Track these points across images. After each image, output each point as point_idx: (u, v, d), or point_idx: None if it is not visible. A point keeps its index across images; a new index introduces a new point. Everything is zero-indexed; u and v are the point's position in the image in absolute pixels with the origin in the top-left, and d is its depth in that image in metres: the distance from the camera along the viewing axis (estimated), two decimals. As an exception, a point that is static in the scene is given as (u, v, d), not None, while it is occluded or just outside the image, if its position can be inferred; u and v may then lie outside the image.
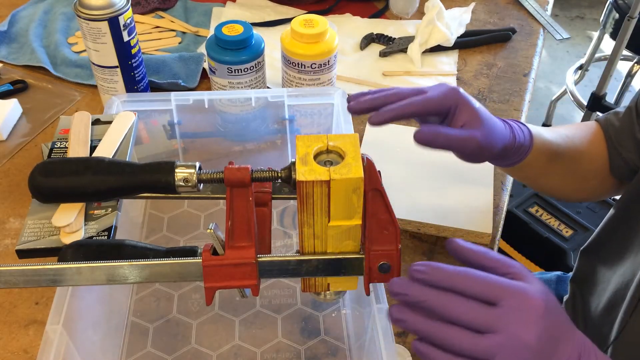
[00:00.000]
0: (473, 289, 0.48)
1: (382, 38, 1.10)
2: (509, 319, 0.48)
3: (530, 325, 0.48)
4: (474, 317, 0.48)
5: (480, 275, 0.49)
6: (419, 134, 0.61)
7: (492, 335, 0.47)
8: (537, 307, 0.48)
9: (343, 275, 0.54)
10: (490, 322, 0.47)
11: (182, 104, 0.77)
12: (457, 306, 0.48)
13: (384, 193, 0.50)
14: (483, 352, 0.47)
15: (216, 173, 0.52)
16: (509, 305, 0.48)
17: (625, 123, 0.76)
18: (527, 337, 0.47)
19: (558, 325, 0.50)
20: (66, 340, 0.53)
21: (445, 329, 0.48)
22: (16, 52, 1.06)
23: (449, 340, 0.48)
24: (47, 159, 0.61)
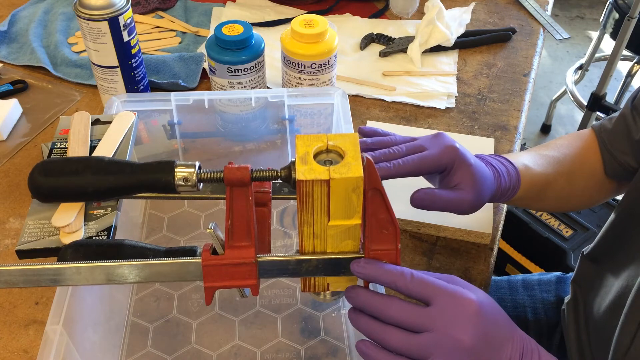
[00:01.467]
0: (407, 289, 0.51)
1: (382, 38, 1.10)
2: (442, 318, 0.50)
3: (464, 323, 0.49)
4: (407, 316, 0.50)
5: (416, 276, 0.51)
6: (416, 199, 0.64)
7: (426, 334, 0.50)
8: (470, 307, 0.50)
9: (343, 275, 0.54)
10: (423, 321, 0.50)
11: (182, 104, 0.77)
12: (391, 307, 0.51)
13: (384, 192, 0.50)
14: (417, 350, 0.50)
15: (216, 173, 0.52)
16: (441, 305, 0.50)
17: (619, 126, 0.76)
18: (460, 335, 0.49)
19: (495, 325, 0.51)
20: (66, 340, 0.53)
21: (382, 328, 0.51)
22: (16, 52, 1.06)
23: (386, 338, 0.51)
24: (47, 159, 0.61)
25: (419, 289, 0.51)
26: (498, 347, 0.51)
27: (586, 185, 0.78)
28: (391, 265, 0.52)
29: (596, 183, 0.79)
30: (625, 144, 0.75)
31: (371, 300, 0.52)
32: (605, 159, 0.77)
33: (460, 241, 0.78)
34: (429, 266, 0.76)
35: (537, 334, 0.89)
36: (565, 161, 0.77)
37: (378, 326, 0.51)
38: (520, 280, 0.95)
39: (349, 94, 0.98)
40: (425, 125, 0.94)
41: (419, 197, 0.64)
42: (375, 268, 0.51)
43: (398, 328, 0.50)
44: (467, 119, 0.96)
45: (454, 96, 1.00)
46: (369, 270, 0.51)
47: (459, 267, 0.76)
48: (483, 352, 0.50)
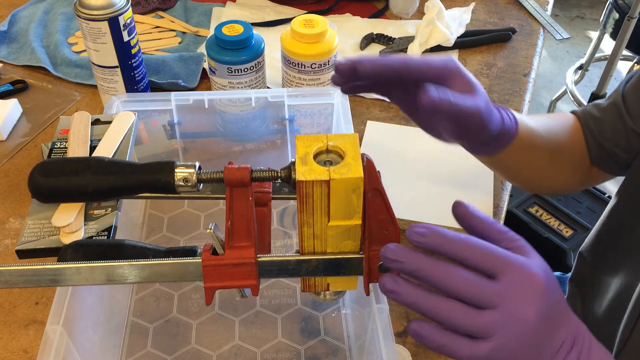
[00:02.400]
0: (473, 259, 0.45)
1: (382, 38, 1.10)
2: (509, 295, 0.45)
3: (531, 302, 0.45)
4: (472, 291, 0.45)
5: (482, 245, 0.46)
6: (426, 95, 0.53)
7: (491, 311, 0.45)
8: (538, 284, 0.46)
9: (343, 275, 0.54)
10: (489, 297, 0.45)
11: (182, 104, 0.77)
12: (455, 278, 0.45)
13: (384, 193, 0.50)
14: (481, 328, 0.45)
15: (216, 173, 0.52)
16: (509, 280, 0.45)
17: (609, 116, 0.74)
18: (526, 314, 0.45)
19: (556, 306, 0.48)
20: (66, 340, 0.53)
21: (441, 303, 0.45)
22: (16, 52, 1.06)
23: (445, 316, 0.45)
24: (47, 159, 0.61)
25: (485, 260, 0.45)
26: (557, 327, 0.47)
27: (569, 161, 0.76)
28: (454, 232, 0.46)
29: (579, 164, 0.76)
30: (617, 134, 0.73)
31: (432, 266, 0.45)
32: (592, 147, 0.75)
33: (460, 241, 0.78)
34: (429, 266, 0.76)
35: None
36: (555, 129, 0.74)
37: (438, 300, 0.45)
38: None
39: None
40: (425, 125, 0.94)
41: (431, 93, 0.53)
42: (439, 236, 0.46)
43: (458, 302, 0.45)
44: (467, 119, 0.96)
45: (454, 96, 1.00)
46: (431, 238, 0.46)
47: (459, 267, 0.76)
48: (545, 331, 0.46)
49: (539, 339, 0.46)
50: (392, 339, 0.54)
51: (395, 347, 0.54)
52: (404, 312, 0.71)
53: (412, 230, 0.46)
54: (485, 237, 0.48)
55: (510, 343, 0.45)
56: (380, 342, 0.54)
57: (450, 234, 0.46)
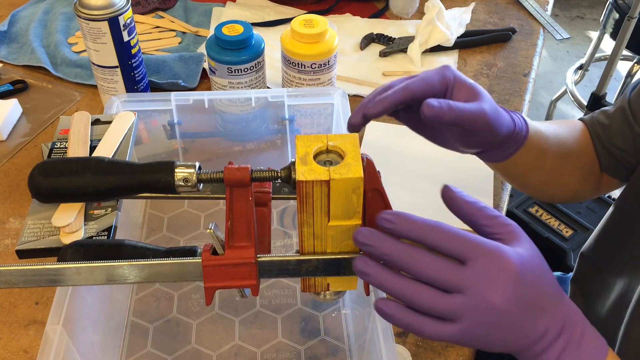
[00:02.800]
0: (442, 245, 0.46)
1: (382, 38, 1.10)
2: (477, 280, 0.45)
3: (500, 288, 0.45)
4: (439, 274, 0.45)
5: (452, 230, 0.46)
6: (428, 107, 0.53)
7: (458, 295, 0.45)
8: (510, 270, 0.45)
9: (343, 275, 0.54)
10: (456, 281, 0.45)
11: (182, 104, 0.77)
12: (422, 262, 0.45)
13: (384, 193, 0.50)
14: (448, 311, 0.45)
15: (216, 173, 0.52)
16: (479, 265, 0.45)
17: (617, 121, 0.74)
18: (494, 300, 0.45)
19: (536, 293, 0.47)
20: (66, 340, 0.53)
21: (409, 285, 0.46)
22: (16, 52, 1.06)
23: (413, 297, 0.45)
24: (47, 159, 0.61)
25: (455, 245, 0.45)
26: (535, 315, 0.47)
27: (577, 167, 0.75)
28: (423, 218, 0.46)
29: (589, 171, 0.76)
30: (625, 140, 0.73)
31: (398, 250, 0.46)
32: (601, 154, 0.75)
33: (460, 241, 0.78)
34: (429, 266, 0.76)
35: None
36: (563, 135, 0.74)
37: (404, 282, 0.46)
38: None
39: (349, 94, 0.98)
40: (425, 125, 0.94)
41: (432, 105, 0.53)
42: (407, 221, 0.46)
43: (427, 285, 0.45)
44: (467, 119, 0.96)
45: (454, 96, 1.00)
46: (399, 224, 0.46)
47: (459, 267, 0.76)
48: (516, 318, 0.46)
49: (510, 324, 0.46)
50: (392, 339, 0.54)
51: (395, 347, 0.54)
52: (404, 312, 0.71)
53: (381, 216, 0.46)
54: (474, 222, 0.48)
55: (477, 327, 0.45)
56: (380, 342, 0.54)
57: (419, 220, 0.46)
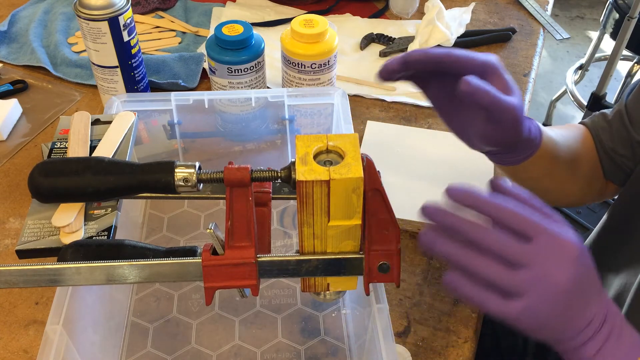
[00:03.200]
0: (508, 221, 0.47)
1: (382, 38, 1.10)
2: (543, 256, 0.46)
3: (563, 266, 0.46)
4: (506, 248, 0.46)
5: (517, 209, 0.48)
6: (466, 83, 0.53)
7: (524, 269, 0.46)
8: (572, 251, 0.47)
9: (343, 275, 0.54)
10: (523, 256, 0.46)
11: (182, 104, 0.77)
12: (490, 235, 0.47)
13: (384, 193, 0.50)
14: (514, 285, 0.46)
15: (216, 173, 0.52)
16: (543, 242, 0.46)
17: (615, 126, 0.74)
18: (559, 276, 0.46)
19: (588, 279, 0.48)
20: (66, 340, 0.53)
21: (476, 257, 0.47)
22: (16, 52, 1.06)
23: (480, 269, 0.47)
24: (47, 159, 0.61)
25: (521, 222, 0.47)
26: (587, 299, 0.48)
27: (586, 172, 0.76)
28: (491, 195, 0.48)
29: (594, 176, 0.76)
30: (623, 144, 0.73)
31: (466, 223, 0.47)
32: (603, 160, 0.75)
33: (460, 241, 0.78)
34: (429, 266, 0.76)
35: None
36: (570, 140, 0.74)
37: (472, 253, 0.47)
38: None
39: (349, 94, 0.98)
40: (426, 125, 0.94)
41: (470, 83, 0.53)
42: (474, 196, 0.48)
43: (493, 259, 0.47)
44: (467, 119, 0.96)
45: (454, 96, 1.00)
46: (468, 197, 0.48)
47: (459, 267, 0.76)
48: (575, 299, 0.47)
49: (569, 306, 0.47)
50: (392, 339, 0.54)
51: (395, 347, 0.54)
52: (404, 312, 0.71)
53: (450, 188, 0.48)
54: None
55: (542, 304, 0.46)
56: (380, 342, 0.54)
57: (486, 195, 0.48)
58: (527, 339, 0.89)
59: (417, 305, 0.72)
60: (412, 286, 0.74)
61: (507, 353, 0.90)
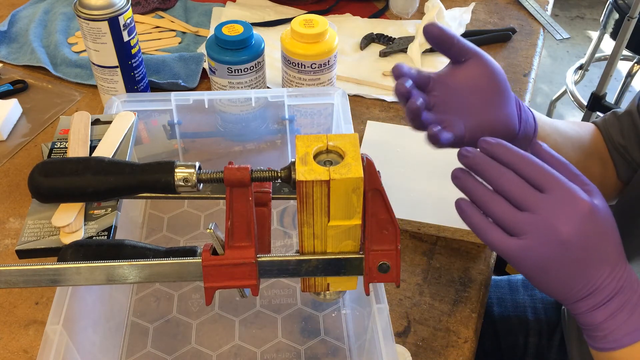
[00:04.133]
0: (528, 171, 0.50)
1: (382, 38, 1.10)
2: (550, 206, 0.49)
3: (569, 220, 0.48)
4: (517, 190, 0.49)
5: (540, 163, 0.50)
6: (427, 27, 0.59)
7: (528, 213, 0.49)
8: (581, 209, 0.49)
9: (343, 275, 0.54)
10: (530, 202, 0.49)
11: (182, 104, 0.77)
12: (506, 177, 0.50)
13: (384, 193, 0.50)
14: (514, 224, 0.49)
15: (216, 173, 0.52)
16: (555, 196, 0.49)
17: (625, 124, 0.75)
18: (560, 225, 0.48)
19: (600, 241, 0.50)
20: (66, 340, 0.53)
21: (488, 194, 0.51)
22: (16, 52, 1.06)
23: (488, 204, 0.51)
24: (47, 159, 0.61)
25: (539, 175, 0.50)
26: (595, 260, 0.50)
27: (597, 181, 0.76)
28: (516, 148, 0.51)
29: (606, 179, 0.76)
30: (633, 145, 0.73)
31: (488, 164, 0.51)
32: (616, 159, 0.75)
33: (460, 241, 0.78)
34: (429, 266, 0.76)
35: (537, 333, 0.89)
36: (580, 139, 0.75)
37: (485, 191, 0.51)
38: (520, 280, 0.95)
39: (349, 94, 0.98)
40: (425, 125, 0.94)
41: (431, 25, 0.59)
42: (503, 147, 0.51)
43: (503, 199, 0.50)
44: (467, 119, 0.96)
45: (454, 96, 1.00)
46: (496, 147, 0.51)
47: (459, 267, 0.76)
48: (576, 253, 0.49)
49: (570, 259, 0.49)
50: (392, 339, 0.54)
51: (395, 347, 0.54)
52: (404, 312, 0.71)
53: (482, 139, 0.52)
54: None
55: (540, 248, 0.49)
56: (380, 342, 0.54)
57: (513, 148, 0.51)
58: (527, 340, 0.89)
59: (417, 305, 0.72)
60: (412, 286, 0.74)
61: (507, 353, 0.90)
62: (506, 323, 0.90)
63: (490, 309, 0.91)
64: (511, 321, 0.90)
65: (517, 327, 0.89)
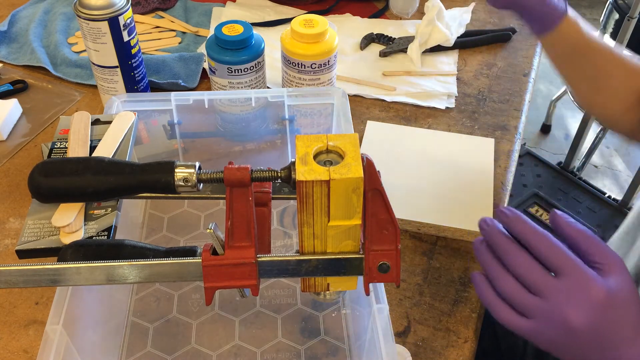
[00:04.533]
0: (542, 251, 0.49)
1: (382, 38, 1.10)
2: (561, 292, 0.48)
3: (579, 308, 0.47)
4: (529, 273, 0.49)
5: (556, 243, 0.49)
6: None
7: (539, 299, 0.48)
8: (597, 297, 0.48)
9: (343, 275, 0.54)
10: (541, 286, 0.48)
11: (182, 104, 0.77)
12: (519, 258, 0.49)
13: (384, 193, 0.50)
14: (524, 307, 0.49)
15: (216, 173, 0.52)
16: (568, 282, 0.48)
17: None
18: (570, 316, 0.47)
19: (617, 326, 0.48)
20: (66, 340, 0.53)
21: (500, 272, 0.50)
22: (16, 52, 1.06)
23: (499, 282, 0.50)
24: (47, 159, 0.61)
25: (554, 257, 0.49)
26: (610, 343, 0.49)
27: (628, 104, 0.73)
28: (534, 224, 0.51)
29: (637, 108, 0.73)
30: None
31: (502, 242, 0.51)
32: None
33: (460, 241, 0.78)
34: (429, 266, 0.76)
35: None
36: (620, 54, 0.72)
37: (498, 269, 0.51)
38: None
39: (349, 94, 0.98)
40: (425, 125, 0.94)
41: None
42: (520, 221, 0.51)
43: (515, 279, 0.50)
44: (467, 119, 0.96)
45: (454, 96, 1.00)
46: (512, 221, 0.51)
47: (459, 267, 0.76)
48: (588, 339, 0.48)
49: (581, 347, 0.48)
50: (392, 339, 0.54)
51: (395, 347, 0.54)
52: (404, 312, 0.71)
53: (500, 209, 0.52)
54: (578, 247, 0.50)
55: (549, 332, 0.48)
56: (380, 342, 0.54)
57: (530, 224, 0.50)
58: (526, 341, 0.89)
59: (417, 305, 0.72)
60: (412, 286, 0.74)
61: (507, 353, 0.90)
62: None
63: (490, 309, 0.91)
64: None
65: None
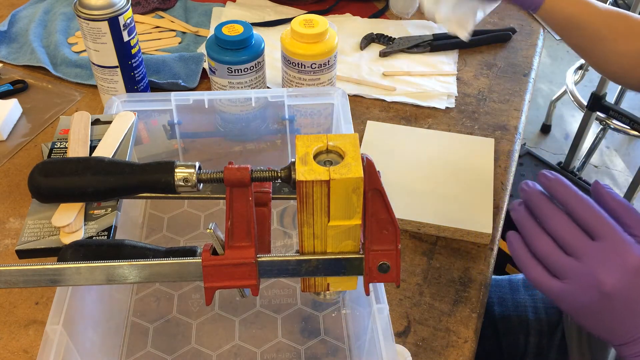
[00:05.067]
0: (582, 215, 0.49)
1: (382, 38, 1.10)
2: (596, 255, 0.48)
3: (614, 271, 0.47)
4: (567, 236, 0.49)
5: (597, 209, 0.49)
6: None
7: (573, 260, 0.48)
8: (630, 263, 0.47)
9: (343, 275, 0.54)
10: (578, 248, 0.48)
11: (182, 104, 0.77)
12: (558, 219, 0.50)
13: (384, 193, 0.50)
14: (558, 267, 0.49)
15: (216, 173, 0.52)
16: (604, 245, 0.48)
17: None
18: (605, 280, 0.47)
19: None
20: (66, 340, 0.53)
21: (537, 232, 0.51)
22: (16, 52, 1.06)
23: (535, 241, 0.50)
24: (47, 159, 0.61)
25: (594, 221, 0.49)
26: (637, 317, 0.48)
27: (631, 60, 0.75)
28: (576, 188, 0.51)
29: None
30: None
31: (542, 202, 0.51)
32: None
33: (460, 241, 0.78)
34: (429, 266, 0.76)
35: (538, 333, 0.89)
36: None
37: (535, 229, 0.51)
38: (521, 279, 0.95)
39: (349, 94, 0.98)
40: (425, 125, 0.94)
41: None
42: (561, 185, 0.51)
43: (551, 238, 0.50)
44: (467, 119, 0.96)
45: (454, 96, 1.00)
46: (554, 184, 0.51)
47: (459, 267, 0.76)
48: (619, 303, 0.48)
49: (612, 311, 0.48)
50: (392, 339, 0.54)
51: (395, 347, 0.54)
52: (404, 312, 0.71)
53: (542, 173, 0.52)
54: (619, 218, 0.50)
55: (580, 295, 0.48)
56: (380, 342, 0.54)
57: (572, 188, 0.51)
58: (527, 339, 0.89)
59: (417, 305, 0.72)
60: (412, 286, 0.74)
61: (507, 352, 0.90)
62: (507, 322, 0.90)
63: (491, 308, 0.91)
64: (512, 321, 0.90)
65: (518, 327, 0.89)
